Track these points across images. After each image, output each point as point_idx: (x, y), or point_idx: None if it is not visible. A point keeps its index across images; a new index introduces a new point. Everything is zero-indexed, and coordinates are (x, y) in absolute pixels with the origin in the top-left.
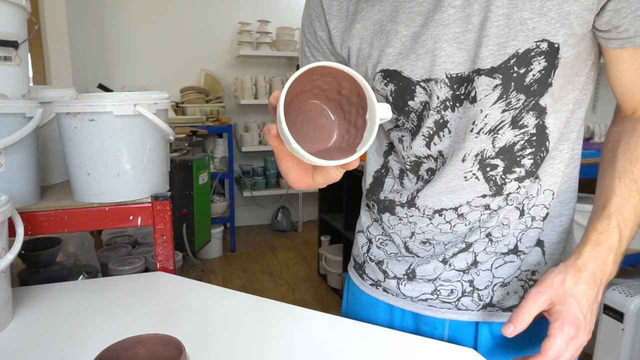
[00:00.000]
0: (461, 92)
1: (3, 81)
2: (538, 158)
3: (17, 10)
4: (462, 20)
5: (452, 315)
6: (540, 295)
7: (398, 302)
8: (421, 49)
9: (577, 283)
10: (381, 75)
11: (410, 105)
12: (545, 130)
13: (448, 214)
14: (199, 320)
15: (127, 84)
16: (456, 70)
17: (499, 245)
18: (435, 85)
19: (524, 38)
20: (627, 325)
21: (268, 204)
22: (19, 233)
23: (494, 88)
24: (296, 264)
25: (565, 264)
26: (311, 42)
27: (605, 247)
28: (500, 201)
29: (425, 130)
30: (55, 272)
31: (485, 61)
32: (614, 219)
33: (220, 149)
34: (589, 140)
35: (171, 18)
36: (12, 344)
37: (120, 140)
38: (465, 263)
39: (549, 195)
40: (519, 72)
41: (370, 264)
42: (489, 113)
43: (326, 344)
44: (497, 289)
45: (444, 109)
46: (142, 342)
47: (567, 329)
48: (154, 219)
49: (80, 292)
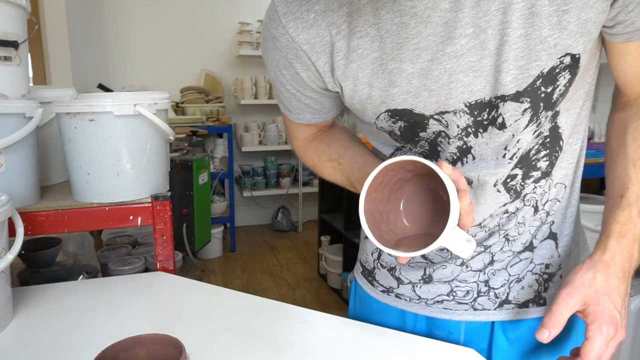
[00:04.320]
0: (483, 117)
1: (3, 81)
2: (553, 158)
3: (17, 10)
4: (477, 47)
5: (468, 316)
6: (572, 297)
7: (411, 307)
8: (434, 85)
9: (608, 279)
10: (388, 115)
11: (421, 136)
12: (558, 130)
13: (471, 229)
14: (199, 320)
15: (127, 84)
16: (475, 97)
17: (516, 243)
18: (453, 116)
19: (547, 57)
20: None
21: (268, 204)
22: (19, 233)
23: (522, 112)
24: (296, 264)
25: (592, 260)
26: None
27: (630, 238)
28: (518, 203)
29: (447, 155)
30: (55, 272)
31: (509, 86)
32: (635, 208)
33: (220, 149)
34: (589, 140)
35: (171, 18)
36: (12, 344)
37: (120, 140)
38: (482, 263)
39: (561, 188)
40: (546, 91)
41: (382, 270)
42: (521, 138)
43: (326, 344)
44: (512, 285)
45: (466, 136)
46: (142, 342)
47: (606, 329)
48: (154, 219)
49: (80, 292)
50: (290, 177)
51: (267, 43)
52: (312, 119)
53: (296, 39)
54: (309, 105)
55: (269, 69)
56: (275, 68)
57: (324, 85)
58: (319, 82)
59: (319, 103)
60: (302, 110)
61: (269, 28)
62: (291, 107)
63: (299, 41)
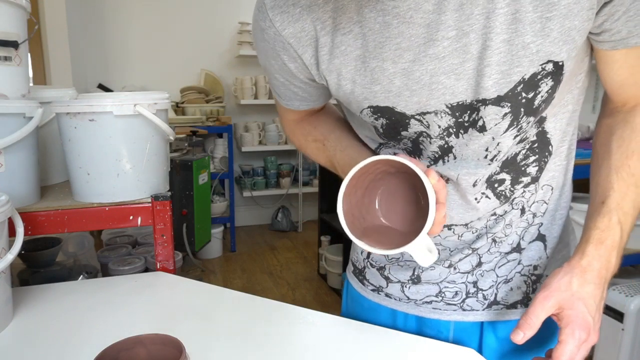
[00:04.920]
0: (464, 119)
1: (3, 81)
2: (542, 163)
3: (17, 10)
4: (459, 50)
5: (457, 316)
6: (548, 300)
7: (401, 307)
8: (416, 85)
9: (584, 284)
10: (370, 111)
11: (402, 134)
12: (546, 135)
13: (457, 229)
14: (199, 320)
15: (127, 84)
16: (456, 99)
17: (503, 245)
18: (435, 117)
19: (529, 63)
20: (627, 325)
21: (268, 204)
22: (19, 233)
23: (503, 117)
24: (296, 264)
25: (570, 265)
26: (283, 72)
27: (608, 245)
28: (507, 207)
29: (429, 153)
30: (55, 272)
31: (490, 91)
32: (615, 215)
33: (220, 149)
34: (590, 140)
35: (171, 18)
36: (12, 344)
37: (120, 140)
38: (470, 265)
39: (547, 190)
40: (527, 97)
41: (372, 269)
42: (501, 141)
43: (326, 344)
44: (500, 287)
45: (448, 136)
46: (142, 342)
47: (579, 333)
48: (154, 219)
49: (80, 292)
50: (290, 177)
51: (256, 33)
52: (301, 105)
53: (282, 32)
54: (297, 93)
55: (260, 57)
56: (265, 57)
57: (311, 76)
58: (307, 73)
59: (306, 92)
60: (291, 98)
61: (257, 20)
62: (281, 93)
63: (285, 35)
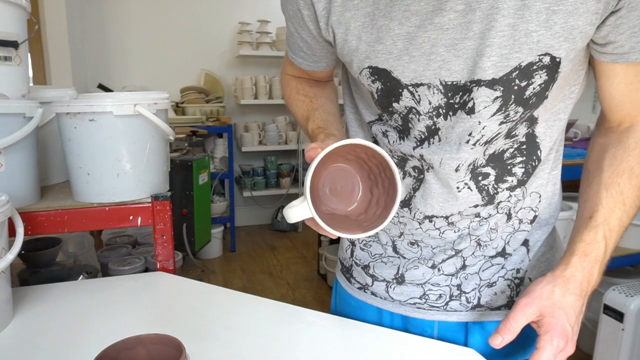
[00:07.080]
0: (455, 100)
1: (3, 81)
2: (529, 167)
3: (17, 10)
4: (463, 26)
5: (440, 316)
6: (530, 307)
7: (386, 306)
8: (416, 52)
9: (566, 294)
10: (369, 72)
11: (394, 106)
12: (536, 139)
13: (438, 222)
14: (199, 320)
15: (127, 84)
16: (451, 78)
17: (488, 248)
18: (427, 91)
19: (528, 51)
20: (627, 325)
21: (268, 204)
22: (19, 233)
23: (493, 100)
24: (296, 264)
25: (553, 274)
26: (295, 19)
27: (592, 258)
28: (491, 209)
29: (417, 133)
30: (55, 272)
31: (487, 72)
32: (601, 230)
33: (220, 149)
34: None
35: (171, 18)
36: (12, 344)
37: (120, 140)
38: (454, 267)
39: (535, 197)
40: (520, 85)
41: (357, 268)
42: (487, 125)
43: (326, 344)
44: (483, 290)
45: (437, 116)
46: (142, 342)
47: (557, 341)
48: (154, 219)
49: (80, 292)
50: (290, 177)
51: None
52: (302, 63)
53: None
54: (301, 48)
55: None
56: (286, 3)
57: (318, 30)
58: (316, 24)
59: (310, 49)
60: (296, 52)
61: None
62: (290, 43)
63: None
